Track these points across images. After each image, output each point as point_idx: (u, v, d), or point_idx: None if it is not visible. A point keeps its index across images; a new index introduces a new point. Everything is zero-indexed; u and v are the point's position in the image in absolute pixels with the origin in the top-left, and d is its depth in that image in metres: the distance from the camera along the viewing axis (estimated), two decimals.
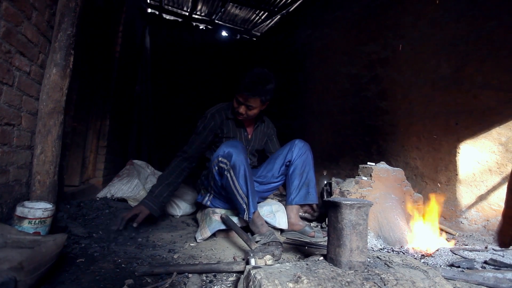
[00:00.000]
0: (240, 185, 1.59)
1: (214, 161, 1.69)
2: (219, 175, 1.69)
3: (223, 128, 1.92)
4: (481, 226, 1.94)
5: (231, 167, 1.60)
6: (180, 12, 5.29)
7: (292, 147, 1.89)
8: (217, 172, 1.69)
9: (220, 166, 1.65)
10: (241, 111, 1.85)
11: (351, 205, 0.93)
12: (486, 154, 1.96)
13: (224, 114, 1.94)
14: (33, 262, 0.82)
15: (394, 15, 2.74)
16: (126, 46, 3.23)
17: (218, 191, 1.76)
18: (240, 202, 1.59)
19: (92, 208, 1.90)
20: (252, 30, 5.66)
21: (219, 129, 1.91)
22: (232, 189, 1.60)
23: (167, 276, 1.06)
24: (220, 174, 1.68)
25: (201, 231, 1.66)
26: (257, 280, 0.80)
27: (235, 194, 1.60)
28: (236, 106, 1.85)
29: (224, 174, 1.63)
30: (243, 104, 1.84)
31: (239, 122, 1.96)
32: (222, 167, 1.64)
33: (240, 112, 1.86)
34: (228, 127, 1.93)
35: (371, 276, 0.86)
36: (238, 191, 1.59)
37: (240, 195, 1.59)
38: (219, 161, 1.65)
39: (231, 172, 1.60)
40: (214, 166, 1.69)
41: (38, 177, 1.39)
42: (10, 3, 1.18)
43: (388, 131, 2.71)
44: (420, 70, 2.44)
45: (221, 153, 1.65)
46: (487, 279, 1.10)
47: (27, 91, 1.37)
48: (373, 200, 1.76)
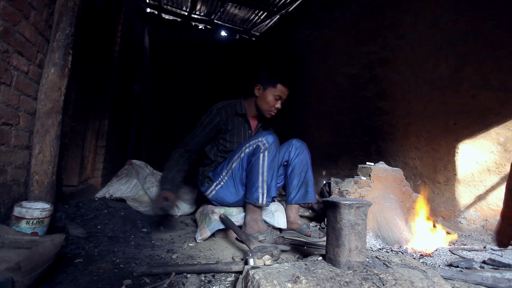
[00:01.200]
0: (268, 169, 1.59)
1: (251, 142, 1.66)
2: (251, 155, 1.65)
3: (228, 124, 1.87)
4: (479, 226, 1.94)
5: (268, 147, 1.59)
6: (179, 12, 5.28)
7: (289, 147, 1.89)
8: (250, 153, 1.66)
9: (258, 145, 1.62)
10: (279, 106, 1.81)
11: (350, 205, 0.93)
12: (485, 154, 1.96)
13: (230, 109, 1.89)
14: (31, 262, 0.81)
15: (393, 15, 2.75)
16: (125, 46, 3.22)
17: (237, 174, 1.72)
18: (259, 186, 1.59)
19: (90, 208, 1.89)
20: (252, 30, 5.66)
21: (223, 125, 1.86)
22: (259, 171, 1.59)
23: (165, 276, 1.06)
24: (252, 155, 1.65)
25: (201, 231, 1.66)
26: (256, 280, 0.80)
27: (259, 176, 1.59)
28: (274, 103, 1.79)
29: (256, 155, 1.61)
30: (281, 99, 1.79)
31: (245, 119, 1.92)
32: (259, 147, 1.61)
33: (278, 108, 1.81)
34: (233, 123, 1.89)
35: (370, 276, 0.86)
36: (263, 174, 1.58)
37: (263, 178, 1.59)
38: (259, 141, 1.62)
39: (265, 153, 1.59)
40: (248, 146, 1.66)
41: (36, 177, 1.38)
42: (8, 2, 1.18)
43: (387, 131, 2.71)
44: (419, 70, 2.44)
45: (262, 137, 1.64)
46: (485, 279, 1.11)
47: (25, 91, 1.36)
48: (372, 200, 1.76)
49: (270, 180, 1.60)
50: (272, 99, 1.79)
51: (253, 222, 1.63)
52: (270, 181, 1.61)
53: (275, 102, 1.80)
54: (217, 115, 1.84)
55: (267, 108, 1.83)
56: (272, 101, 1.79)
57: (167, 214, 2.32)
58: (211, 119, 1.84)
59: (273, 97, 1.79)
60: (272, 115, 1.86)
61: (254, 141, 1.66)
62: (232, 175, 1.74)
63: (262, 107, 1.85)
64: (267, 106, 1.82)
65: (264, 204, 1.60)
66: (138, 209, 2.13)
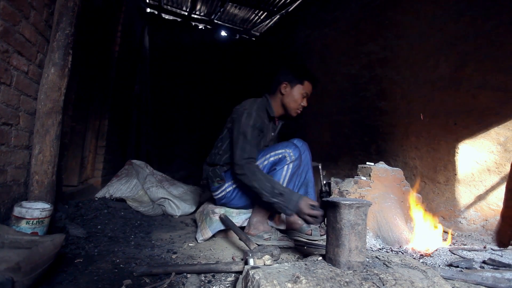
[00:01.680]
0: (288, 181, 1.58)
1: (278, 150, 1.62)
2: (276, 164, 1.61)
3: (264, 127, 1.77)
4: (479, 226, 1.94)
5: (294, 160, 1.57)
6: (179, 12, 5.28)
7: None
8: (275, 162, 1.61)
9: (284, 156, 1.59)
10: (305, 104, 1.78)
11: (350, 205, 0.93)
12: (485, 154, 1.96)
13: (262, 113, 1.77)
14: (31, 262, 0.81)
15: (393, 15, 2.75)
16: (125, 46, 3.22)
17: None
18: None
19: (90, 208, 1.90)
20: (252, 30, 5.66)
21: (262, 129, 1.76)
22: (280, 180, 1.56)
23: (165, 276, 1.06)
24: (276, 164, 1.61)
25: (202, 231, 1.65)
26: (256, 280, 0.80)
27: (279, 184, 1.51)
28: (301, 100, 1.77)
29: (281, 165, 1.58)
30: (307, 97, 1.77)
31: (273, 120, 1.86)
32: (285, 158, 1.59)
33: (304, 105, 1.78)
34: (266, 125, 1.80)
35: (370, 276, 0.86)
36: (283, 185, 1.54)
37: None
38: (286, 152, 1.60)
39: (290, 166, 1.58)
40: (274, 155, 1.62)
41: (36, 177, 1.38)
42: (8, 2, 1.18)
43: (387, 131, 2.71)
44: (419, 70, 2.44)
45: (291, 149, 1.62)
46: (485, 279, 1.10)
47: (25, 91, 1.36)
48: (372, 200, 1.76)
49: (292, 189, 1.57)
50: (300, 96, 1.76)
51: (259, 223, 1.64)
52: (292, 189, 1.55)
53: (302, 100, 1.77)
54: (259, 118, 1.71)
55: (295, 107, 1.79)
56: (300, 98, 1.77)
57: (167, 214, 2.32)
58: (254, 124, 1.67)
59: (301, 95, 1.76)
60: (298, 113, 1.82)
61: (282, 151, 1.61)
62: None
63: (289, 105, 1.79)
64: (294, 104, 1.78)
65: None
66: (138, 209, 2.14)
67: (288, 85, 1.79)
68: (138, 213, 2.11)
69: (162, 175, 2.69)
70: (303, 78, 1.77)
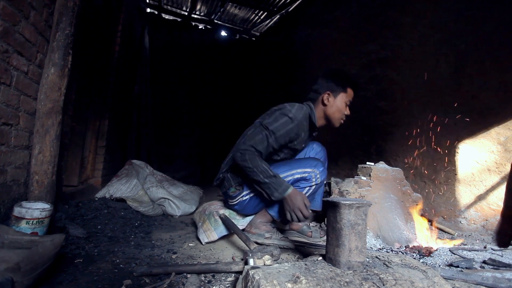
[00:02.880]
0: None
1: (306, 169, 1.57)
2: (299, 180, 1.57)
3: (296, 139, 1.64)
4: (480, 225, 1.94)
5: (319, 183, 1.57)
6: (179, 12, 5.28)
7: (309, 151, 1.85)
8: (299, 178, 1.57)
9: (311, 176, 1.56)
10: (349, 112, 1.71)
11: (350, 205, 0.93)
12: (485, 154, 1.96)
13: (306, 123, 1.66)
14: (30, 262, 0.81)
15: (393, 15, 2.75)
16: (125, 46, 3.22)
17: None
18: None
19: (90, 208, 1.90)
20: (252, 30, 5.66)
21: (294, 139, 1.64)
22: None
23: (165, 277, 1.06)
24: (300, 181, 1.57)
25: (206, 233, 1.62)
26: (256, 280, 0.80)
27: None
28: (345, 109, 1.70)
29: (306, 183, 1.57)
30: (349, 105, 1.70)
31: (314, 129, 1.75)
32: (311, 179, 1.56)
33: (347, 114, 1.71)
34: (300, 138, 1.66)
35: (370, 276, 0.86)
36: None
37: None
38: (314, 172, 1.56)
39: (312, 187, 1.57)
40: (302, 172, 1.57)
41: (36, 177, 1.38)
42: (8, 2, 1.18)
43: (387, 131, 2.71)
44: (419, 70, 2.44)
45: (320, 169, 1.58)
46: (486, 279, 1.10)
47: (25, 91, 1.36)
48: (372, 200, 1.76)
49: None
50: (344, 105, 1.68)
51: (262, 224, 1.64)
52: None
53: (345, 109, 1.70)
54: (297, 129, 1.60)
55: (339, 116, 1.69)
56: (344, 107, 1.68)
57: (168, 214, 2.32)
58: (290, 130, 1.58)
59: (344, 103, 1.68)
60: (342, 123, 1.73)
61: (310, 170, 1.57)
62: None
63: (334, 115, 1.69)
64: (339, 114, 1.69)
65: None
66: (138, 209, 2.13)
67: (331, 94, 1.67)
68: (138, 213, 2.11)
69: (162, 175, 2.69)
70: (346, 86, 1.67)
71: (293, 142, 1.64)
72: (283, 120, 1.56)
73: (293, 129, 1.57)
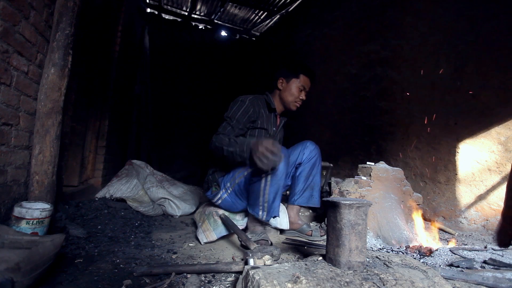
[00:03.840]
0: (269, 192, 1.50)
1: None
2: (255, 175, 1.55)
3: (258, 118, 1.79)
4: (480, 225, 1.94)
5: (271, 173, 1.49)
6: (179, 12, 5.28)
7: (303, 149, 1.84)
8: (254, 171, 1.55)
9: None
10: (304, 97, 1.82)
11: (350, 205, 0.93)
12: (486, 154, 1.96)
13: (261, 103, 1.83)
14: (31, 262, 0.81)
15: (393, 15, 2.74)
16: (125, 46, 3.22)
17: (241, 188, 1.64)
18: (259, 204, 1.52)
19: (90, 208, 1.90)
20: (252, 30, 5.66)
21: (256, 118, 1.77)
22: (260, 193, 1.51)
23: (165, 277, 1.06)
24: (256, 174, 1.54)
25: (206, 233, 1.62)
26: (256, 280, 0.79)
27: (259, 197, 1.51)
28: (298, 94, 1.83)
29: (260, 176, 1.50)
30: (305, 90, 1.82)
31: (274, 114, 1.89)
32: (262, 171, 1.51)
33: (302, 98, 1.82)
34: (262, 118, 1.82)
35: (370, 276, 0.85)
36: (264, 196, 1.51)
37: (263, 199, 1.51)
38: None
39: (268, 178, 1.49)
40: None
41: (36, 177, 1.38)
42: (8, 3, 1.18)
43: (387, 131, 2.70)
44: (419, 70, 2.44)
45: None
46: (486, 279, 1.10)
47: (25, 91, 1.36)
48: (373, 200, 1.76)
49: (272, 201, 1.52)
50: (296, 90, 1.82)
51: (253, 226, 1.64)
52: (272, 202, 1.52)
53: (299, 93, 1.83)
54: (251, 106, 1.73)
55: (292, 100, 1.84)
56: (297, 92, 1.83)
57: (168, 214, 2.32)
58: (245, 109, 1.70)
59: (297, 88, 1.82)
60: (298, 106, 1.87)
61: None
62: (237, 189, 1.65)
63: (287, 99, 1.85)
64: (291, 97, 1.84)
65: (263, 220, 1.55)
66: (138, 209, 2.14)
67: (284, 80, 1.87)
68: (138, 213, 2.11)
69: (163, 175, 2.69)
70: (297, 72, 1.84)
71: (256, 122, 1.78)
72: (236, 105, 1.74)
73: (247, 108, 1.71)
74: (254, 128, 1.80)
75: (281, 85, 1.87)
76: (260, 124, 1.80)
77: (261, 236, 1.54)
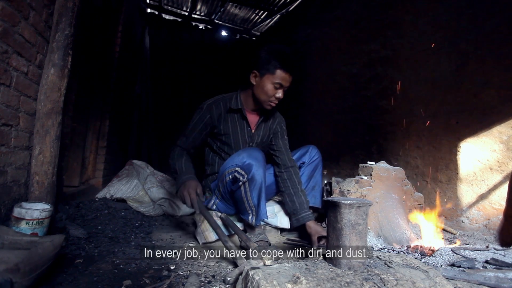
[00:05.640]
0: (252, 197, 1.46)
1: (229, 168, 1.49)
2: (233, 183, 1.51)
3: (220, 123, 1.65)
4: (482, 225, 1.93)
5: (248, 180, 1.43)
6: (179, 12, 5.28)
7: (306, 152, 1.85)
8: (231, 180, 1.51)
9: (235, 176, 1.47)
10: (281, 96, 1.53)
11: (350, 205, 0.92)
12: (487, 153, 1.95)
13: (223, 106, 1.65)
14: (30, 263, 0.81)
15: (394, 14, 2.73)
16: (125, 46, 3.22)
17: (226, 196, 1.63)
18: (247, 210, 1.52)
19: (91, 208, 1.90)
20: (252, 30, 5.65)
21: (216, 123, 1.65)
22: (243, 199, 1.49)
23: (165, 277, 1.06)
24: (233, 182, 1.51)
25: (204, 233, 1.61)
26: (256, 280, 0.79)
27: (244, 203, 1.50)
28: (273, 92, 1.51)
29: (238, 185, 1.47)
30: (283, 88, 1.51)
31: (242, 115, 1.67)
32: (238, 178, 1.46)
33: (279, 97, 1.53)
34: (226, 122, 1.66)
35: (371, 277, 0.85)
36: (248, 201, 1.49)
37: (249, 205, 1.50)
38: (236, 171, 1.46)
39: (246, 185, 1.45)
40: (228, 174, 1.50)
41: (36, 178, 1.38)
42: (7, 3, 1.17)
43: (388, 130, 2.70)
44: (420, 69, 2.43)
45: (240, 163, 1.45)
46: (488, 279, 1.09)
47: (25, 92, 1.36)
48: (373, 200, 1.75)
49: (257, 203, 1.48)
50: (271, 87, 1.50)
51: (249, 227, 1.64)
52: (257, 206, 1.49)
53: (274, 91, 1.52)
54: (207, 112, 1.62)
55: (265, 99, 1.55)
56: (271, 90, 1.51)
57: (168, 214, 2.32)
58: (201, 117, 1.63)
59: (272, 86, 1.50)
60: (273, 106, 1.59)
61: (231, 170, 1.47)
62: (224, 196, 1.64)
63: (259, 97, 1.56)
64: (265, 96, 1.54)
65: (253, 224, 1.53)
66: (138, 209, 2.13)
67: (257, 74, 1.55)
68: (139, 213, 2.11)
69: (163, 175, 2.69)
70: (274, 66, 1.49)
71: (218, 127, 1.65)
72: (196, 112, 1.68)
73: (203, 114, 1.63)
74: (219, 135, 1.66)
75: (254, 80, 1.57)
76: (224, 130, 1.65)
77: (260, 236, 1.54)
